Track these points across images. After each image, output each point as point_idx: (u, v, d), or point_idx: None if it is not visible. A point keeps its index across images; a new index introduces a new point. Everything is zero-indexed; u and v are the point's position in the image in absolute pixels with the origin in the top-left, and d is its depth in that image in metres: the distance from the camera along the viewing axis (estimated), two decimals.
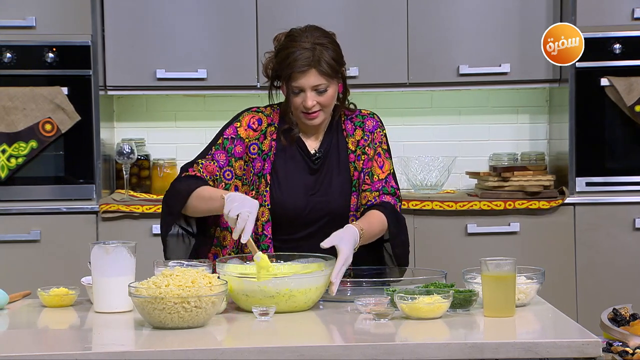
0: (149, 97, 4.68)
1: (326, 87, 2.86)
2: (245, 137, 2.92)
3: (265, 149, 2.91)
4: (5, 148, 4.22)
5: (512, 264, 2.45)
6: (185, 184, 2.85)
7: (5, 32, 4.24)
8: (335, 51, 2.90)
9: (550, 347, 2.19)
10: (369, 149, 2.97)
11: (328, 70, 2.85)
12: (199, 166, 2.89)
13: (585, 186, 4.32)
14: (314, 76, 2.84)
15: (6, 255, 4.21)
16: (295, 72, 2.83)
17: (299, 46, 2.84)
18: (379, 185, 2.95)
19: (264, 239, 2.89)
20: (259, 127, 2.93)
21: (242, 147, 2.91)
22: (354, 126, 2.99)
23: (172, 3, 4.38)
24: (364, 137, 2.98)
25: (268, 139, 2.92)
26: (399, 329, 2.36)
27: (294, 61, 2.83)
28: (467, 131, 4.74)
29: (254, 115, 2.95)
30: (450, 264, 3.74)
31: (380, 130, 3.00)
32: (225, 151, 2.90)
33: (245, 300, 2.54)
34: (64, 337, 2.44)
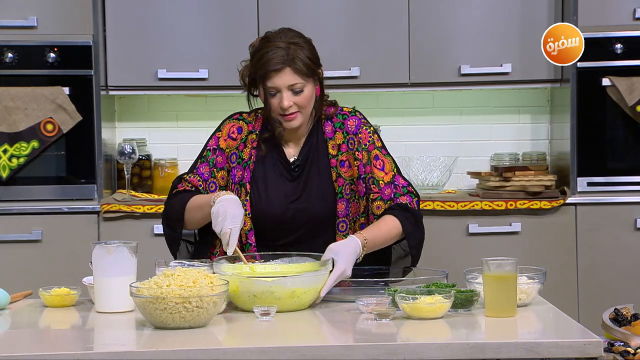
0: (150, 97, 4.68)
1: (302, 86, 2.83)
2: (225, 148, 2.92)
3: (245, 158, 2.90)
4: (6, 148, 4.22)
5: (514, 264, 2.45)
6: (177, 203, 2.89)
7: (7, 32, 4.24)
8: (311, 51, 2.88)
9: (551, 347, 2.19)
10: (360, 154, 2.91)
11: (303, 69, 2.83)
12: (186, 182, 2.93)
13: (586, 186, 4.32)
14: (289, 75, 2.82)
15: (8, 255, 4.21)
16: (269, 71, 2.81)
17: (273, 46, 2.83)
18: (389, 191, 2.90)
19: (249, 248, 2.89)
20: (238, 136, 2.92)
21: (223, 157, 2.92)
22: (333, 128, 2.94)
23: (173, 3, 4.38)
24: (348, 141, 2.92)
25: (248, 147, 2.91)
26: (401, 329, 2.36)
27: (268, 60, 2.81)
28: (468, 131, 4.74)
29: (235, 124, 2.94)
30: (451, 264, 3.73)
31: (365, 129, 2.94)
32: (208, 163, 2.92)
33: (248, 300, 2.53)
34: (65, 337, 2.44)
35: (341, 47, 4.40)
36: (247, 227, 2.88)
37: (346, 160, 2.92)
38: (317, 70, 2.90)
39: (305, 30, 4.38)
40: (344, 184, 2.90)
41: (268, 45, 2.85)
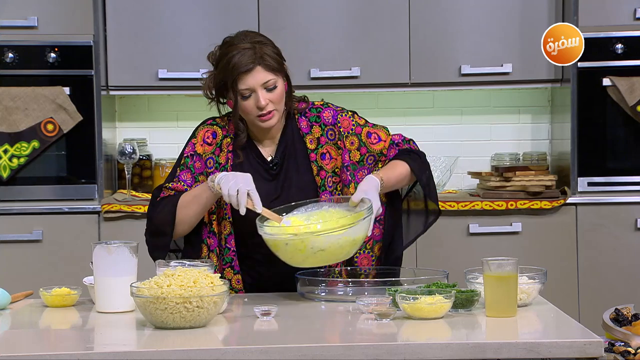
0: (150, 97, 4.68)
1: (275, 82, 2.82)
2: (202, 153, 2.89)
3: (222, 162, 2.88)
4: (7, 148, 4.22)
5: (514, 264, 2.45)
6: (166, 205, 2.83)
7: (7, 32, 4.25)
8: (274, 47, 2.86)
9: (552, 347, 2.19)
10: (346, 141, 2.91)
11: (273, 64, 2.81)
12: (168, 190, 2.88)
13: (587, 186, 4.32)
14: (261, 73, 2.80)
15: (8, 255, 4.21)
16: (241, 73, 2.79)
17: (239, 48, 2.81)
18: (393, 152, 2.95)
19: (228, 252, 2.87)
20: (213, 141, 2.91)
21: (201, 162, 2.89)
22: (309, 122, 2.92)
23: (174, 3, 4.38)
24: (327, 133, 2.91)
25: (224, 152, 2.89)
26: (401, 329, 2.36)
27: (238, 62, 2.79)
28: (469, 131, 4.74)
29: (209, 129, 2.92)
30: (452, 264, 3.74)
31: (343, 115, 2.93)
32: (189, 169, 2.89)
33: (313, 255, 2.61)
34: (66, 337, 2.44)
35: (342, 47, 4.40)
36: (226, 231, 2.86)
37: (327, 153, 2.91)
38: (283, 65, 2.88)
39: (305, 30, 4.41)
40: (326, 176, 2.90)
41: (232, 48, 2.82)
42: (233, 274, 2.87)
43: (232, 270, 2.87)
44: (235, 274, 2.87)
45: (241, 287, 2.87)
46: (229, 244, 2.86)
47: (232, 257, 2.86)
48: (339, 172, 2.90)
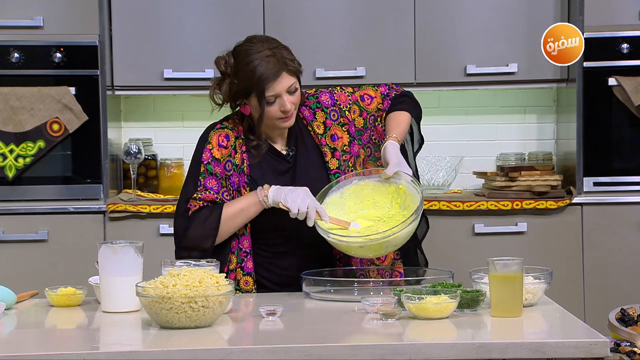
0: (156, 97, 4.69)
1: (296, 85, 2.87)
2: (220, 157, 2.90)
3: (238, 163, 2.90)
4: (13, 148, 4.23)
5: (520, 264, 2.44)
6: (206, 219, 2.83)
7: (13, 32, 4.25)
8: (287, 49, 2.90)
9: (557, 347, 2.19)
10: (352, 110, 3.00)
11: (294, 68, 2.86)
12: (197, 201, 2.86)
13: (592, 186, 4.32)
14: (285, 78, 2.83)
15: (14, 255, 4.22)
16: (270, 81, 2.80)
17: (261, 57, 2.82)
18: (387, 103, 3.03)
19: (239, 252, 2.88)
20: (228, 144, 2.92)
21: (220, 167, 2.90)
22: (311, 110, 2.98)
23: (179, 3, 4.38)
24: (330, 114, 2.98)
25: (239, 153, 2.91)
26: (406, 329, 2.36)
27: (265, 72, 2.80)
28: (474, 131, 4.74)
29: (221, 133, 2.93)
30: (457, 263, 3.73)
31: (337, 92, 3.01)
32: (213, 176, 2.89)
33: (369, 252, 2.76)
34: (71, 336, 2.45)
35: (347, 47, 4.40)
36: (240, 232, 2.88)
37: (335, 133, 2.96)
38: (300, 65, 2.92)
39: (311, 30, 4.41)
40: (340, 155, 2.94)
41: (253, 58, 2.83)
42: (242, 274, 2.88)
43: (242, 271, 2.88)
44: (245, 275, 2.88)
45: (250, 288, 2.88)
46: (241, 244, 2.88)
47: (242, 257, 2.87)
48: (347, 149, 2.95)
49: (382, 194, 2.90)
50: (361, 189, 2.90)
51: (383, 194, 2.90)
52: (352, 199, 2.90)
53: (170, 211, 4.24)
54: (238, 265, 2.88)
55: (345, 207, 2.90)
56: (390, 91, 3.07)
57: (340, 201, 2.89)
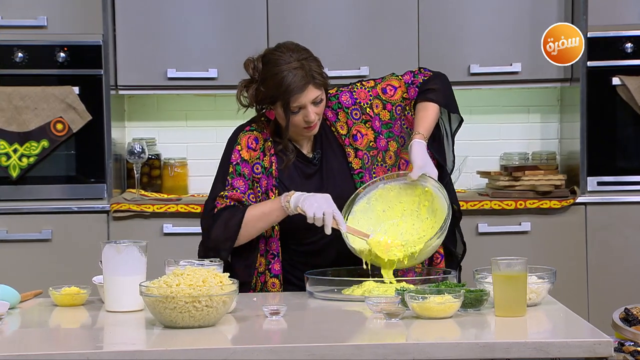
0: (159, 97, 4.69)
1: (321, 96, 2.89)
2: (248, 159, 2.92)
3: (267, 166, 2.92)
4: (17, 147, 4.23)
5: (523, 263, 2.44)
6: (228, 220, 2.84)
7: (17, 31, 4.25)
8: (317, 60, 2.92)
9: (561, 347, 2.18)
10: (374, 105, 2.99)
11: (322, 81, 2.88)
12: (224, 199, 2.88)
13: (596, 185, 4.31)
14: (311, 91, 2.85)
15: (18, 255, 4.22)
16: (295, 93, 2.83)
17: (289, 68, 2.84)
18: (413, 91, 3.01)
19: (267, 254, 2.90)
20: (257, 146, 2.94)
21: (248, 168, 2.92)
22: (334, 111, 2.99)
23: (183, 2, 4.38)
24: (352, 114, 2.98)
25: (267, 156, 2.93)
26: (410, 329, 2.36)
27: (292, 83, 2.83)
28: (478, 130, 4.73)
29: (250, 135, 2.94)
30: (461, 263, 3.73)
31: (357, 89, 3.01)
32: (241, 177, 2.90)
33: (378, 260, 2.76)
34: (75, 336, 2.45)
35: (350, 47, 4.40)
36: (267, 234, 2.89)
37: (357, 133, 2.97)
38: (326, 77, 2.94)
39: (314, 30, 4.41)
40: (364, 155, 2.95)
41: (281, 69, 2.84)
42: (270, 276, 2.89)
43: (269, 273, 2.90)
44: (272, 277, 2.89)
45: (277, 290, 2.90)
46: (269, 246, 2.89)
47: (270, 260, 2.89)
48: (373, 145, 2.95)
49: (409, 196, 2.89)
50: (387, 193, 2.89)
51: (410, 197, 2.89)
52: (380, 203, 2.89)
53: (173, 211, 4.24)
54: (266, 268, 2.90)
55: (374, 212, 2.89)
56: (416, 78, 3.05)
57: (368, 207, 2.89)
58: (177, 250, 3.95)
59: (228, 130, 3.03)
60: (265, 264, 2.90)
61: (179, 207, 4.26)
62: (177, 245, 4.17)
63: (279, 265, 2.89)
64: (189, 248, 3.96)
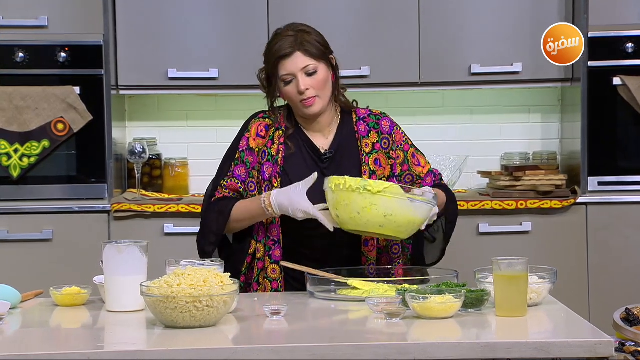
0: (160, 97, 4.69)
1: (315, 68, 2.87)
2: (255, 147, 2.94)
3: (273, 154, 2.93)
4: (17, 147, 4.23)
5: (524, 263, 2.44)
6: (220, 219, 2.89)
7: (18, 31, 4.25)
8: (319, 36, 2.93)
9: (562, 347, 2.18)
10: (394, 152, 2.98)
11: (313, 50, 2.87)
12: (223, 189, 2.93)
13: (597, 185, 4.31)
14: (300, 58, 2.86)
15: (19, 255, 4.22)
16: (281, 57, 2.85)
17: (282, 35, 2.89)
18: (429, 180, 3.01)
19: (267, 240, 2.90)
20: (267, 134, 2.96)
21: (254, 157, 2.94)
22: (367, 127, 2.98)
23: (184, 3, 4.38)
24: (382, 140, 2.98)
25: (276, 144, 2.94)
26: (411, 329, 2.36)
27: (279, 48, 2.86)
28: (478, 130, 4.73)
29: (261, 122, 2.97)
30: (462, 263, 3.72)
31: (398, 129, 3.02)
32: (244, 164, 2.94)
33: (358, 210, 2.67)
34: (76, 336, 2.45)
35: (351, 47, 4.40)
36: (269, 220, 2.89)
37: (379, 159, 2.96)
38: (328, 54, 2.94)
39: None
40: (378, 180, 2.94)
41: (276, 38, 2.91)
42: (270, 262, 2.89)
43: (269, 259, 2.90)
44: (272, 263, 2.89)
45: (277, 276, 2.90)
46: (270, 232, 2.89)
47: (270, 245, 2.89)
48: (388, 180, 2.94)
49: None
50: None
51: None
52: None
53: (174, 211, 4.24)
54: (266, 254, 2.90)
55: None
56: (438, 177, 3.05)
57: None
58: (178, 250, 3.95)
59: (229, 130, 3.05)
60: (264, 250, 2.90)
61: (180, 207, 4.26)
62: (178, 245, 4.16)
63: (279, 252, 2.89)
64: (190, 248, 3.96)
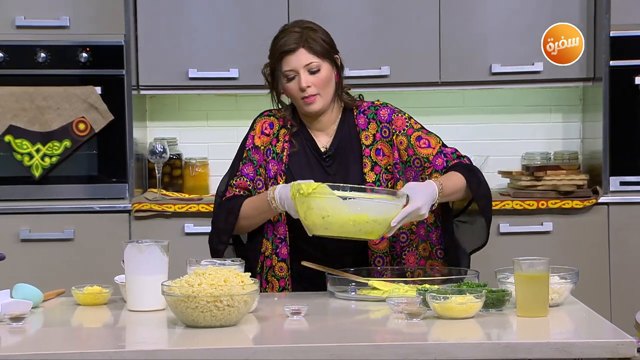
0: (181, 97, 4.70)
1: (318, 66, 2.86)
2: (260, 145, 2.95)
3: (278, 151, 2.93)
4: (39, 147, 4.26)
5: (546, 263, 2.43)
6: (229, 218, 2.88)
7: (40, 32, 4.28)
8: (325, 35, 2.92)
9: (584, 347, 2.17)
10: (397, 139, 2.92)
11: (317, 48, 2.86)
12: (233, 187, 2.94)
13: (619, 185, 4.29)
14: (304, 54, 2.85)
15: (40, 254, 4.25)
16: (285, 53, 2.85)
17: (289, 31, 2.89)
18: (440, 161, 2.90)
19: (274, 239, 2.90)
20: (271, 131, 2.96)
21: (259, 154, 2.95)
22: (367, 119, 2.95)
23: (204, 3, 4.39)
24: (382, 130, 2.93)
25: (281, 141, 2.94)
26: (431, 329, 2.35)
27: (283, 44, 2.86)
28: (499, 130, 4.72)
29: (266, 120, 2.97)
30: (482, 263, 3.71)
31: (399, 115, 2.95)
32: (251, 162, 2.94)
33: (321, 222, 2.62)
34: (97, 335, 2.46)
35: (371, 46, 4.40)
36: (275, 219, 2.90)
37: (381, 149, 2.93)
38: (332, 53, 2.92)
39: (335, 29, 4.36)
40: (381, 171, 2.92)
41: (282, 34, 2.91)
42: (277, 260, 2.89)
43: (277, 257, 2.90)
44: (279, 262, 2.89)
45: (284, 274, 2.90)
46: (276, 230, 2.90)
47: (277, 244, 2.89)
48: (391, 169, 2.93)
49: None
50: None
51: None
52: None
53: (194, 210, 4.25)
54: (273, 252, 2.90)
55: None
56: (452, 156, 2.91)
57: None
58: (198, 250, 3.95)
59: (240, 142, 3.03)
60: (272, 248, 2.90)
61: (200, 207, 4.27)
62: (199, 245, 4.16)
63: (286, 250, 2.89)
64: None
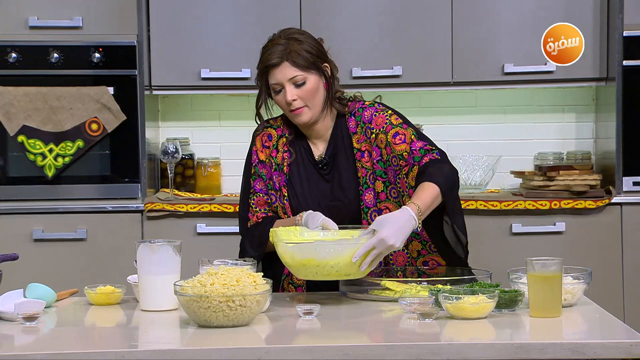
0: (193, 97, 4.71)
1: (303, 79, 2.84)
2: (264, 159, 2.95)
3: (279, 162, 2.93)
4: (52, 147, 4.27)
5: (559, 263, 2.43)
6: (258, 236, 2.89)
7: (53, 32, 4.29)
8: (311, 46, 2.87)
9: (597, 347, 2.17)
10: (379, 137, 2.87)
11: (301, 62, 2.83)
12: (253, 208, 2.93)
13: (632, 185, 4.28)
14: (288, 68, 2.83)
15: (53, 254, 4.26)
16: (269, 67, 2.84)
17: (273, 43, 2.87)
18: (410, 159, 2.82)
19: None
20: (270, 143, 2.96)
21: (266, 168, 2.95)
22: (356, 122, 2.93)
23: (216, 3, 4.40)
24: (365, 131, 2.90)
25: (280, 152, 2.94)
26: (444, 329, 2.35)
27: (268, 56, 2.85)
28: (512, 130, 4.71)
29: (264, 132, 2.97)
30: (495, 263, 3.71)
31: (380, 114, 2.89)
32: (260, 178, 2.94)
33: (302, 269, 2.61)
34: (110, 334, 2.46)
35: (383, 46, 4.39)
36: None
37: (365, 151, 2.91)
38: (320, 64, 2.88)
39: (347, 29, 4.41)
40: (367, 174, 2.90)
41: (268, 45, 2.89)
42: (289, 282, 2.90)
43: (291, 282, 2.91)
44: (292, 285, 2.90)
45: (301, 282, 2.91)
46: None
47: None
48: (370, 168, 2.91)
49: None
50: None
51: None
52: None
53: (206, 210, 4.25)
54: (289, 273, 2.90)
55: None
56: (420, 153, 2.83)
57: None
58: (210, 249, 3.97)
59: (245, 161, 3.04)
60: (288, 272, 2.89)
61: (213, 207, 4.27)
62: (211, 244, 4.18)
63: None
64: (223, 247, 3.99)
